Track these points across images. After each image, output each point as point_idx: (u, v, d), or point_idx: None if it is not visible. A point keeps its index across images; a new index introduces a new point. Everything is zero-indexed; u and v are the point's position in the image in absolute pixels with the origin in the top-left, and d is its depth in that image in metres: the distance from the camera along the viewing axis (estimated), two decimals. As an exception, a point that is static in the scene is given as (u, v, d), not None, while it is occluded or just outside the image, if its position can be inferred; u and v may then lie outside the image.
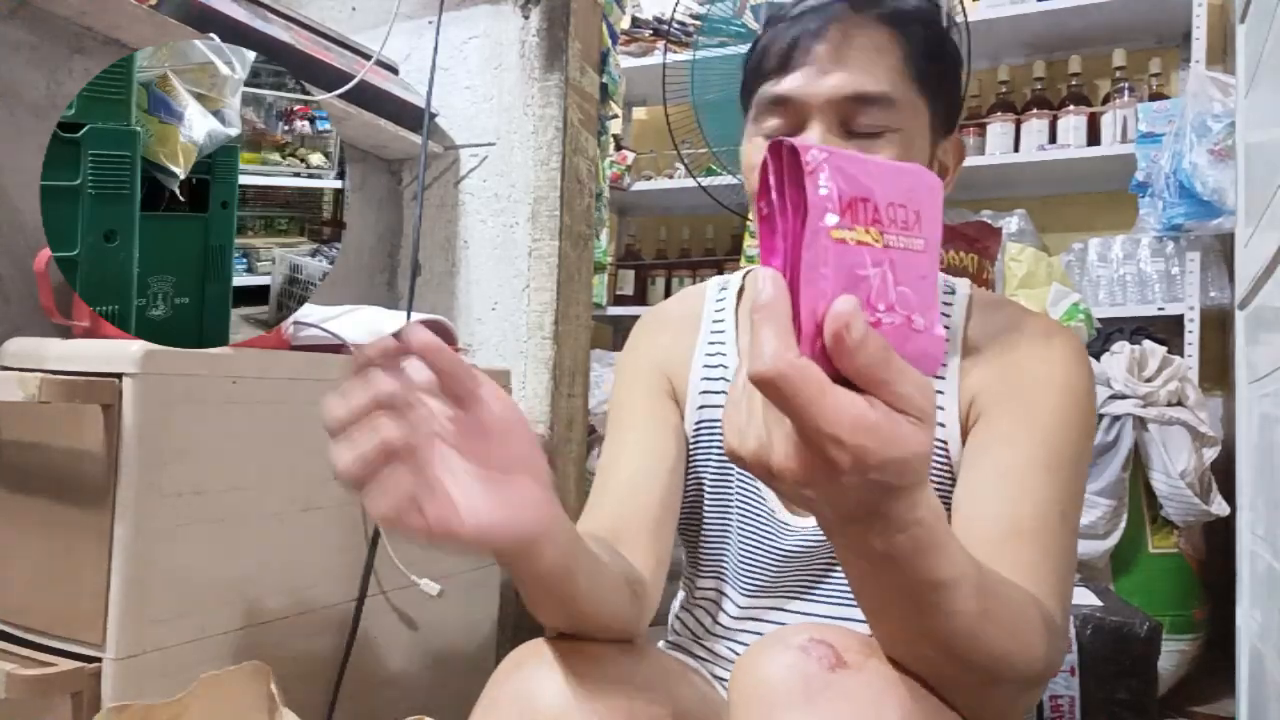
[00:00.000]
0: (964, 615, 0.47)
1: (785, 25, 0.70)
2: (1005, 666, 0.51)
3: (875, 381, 0.38)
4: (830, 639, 0.52)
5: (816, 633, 0.53)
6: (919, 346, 0.41)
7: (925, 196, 0.42)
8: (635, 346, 0.88)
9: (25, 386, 0.77)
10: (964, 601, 0.47)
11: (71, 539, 0.83)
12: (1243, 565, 1.29)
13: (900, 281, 0.41)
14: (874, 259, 0.40)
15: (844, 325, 0.37)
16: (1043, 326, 0.75)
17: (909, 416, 0.39)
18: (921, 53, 0.70)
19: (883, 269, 0.40)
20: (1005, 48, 2.55)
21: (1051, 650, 0.56)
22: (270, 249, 1.01)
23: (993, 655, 0.50)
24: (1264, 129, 1.19)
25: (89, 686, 0.80)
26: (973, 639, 0.49)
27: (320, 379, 1.00)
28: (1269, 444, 1.10)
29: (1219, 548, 1.82)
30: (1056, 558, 0.63)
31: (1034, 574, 0.61)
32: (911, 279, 0.41)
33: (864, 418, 0.38)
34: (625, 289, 3.00)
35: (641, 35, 2.92)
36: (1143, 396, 1.73)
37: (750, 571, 0.78)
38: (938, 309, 0.43)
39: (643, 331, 0.89)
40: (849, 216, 0.39)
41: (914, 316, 0.41)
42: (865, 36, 0.68)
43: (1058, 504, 0.65)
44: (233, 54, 0.94)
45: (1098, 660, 1.18)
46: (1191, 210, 1.96)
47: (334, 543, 1.03)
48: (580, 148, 1.52)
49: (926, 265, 0.42)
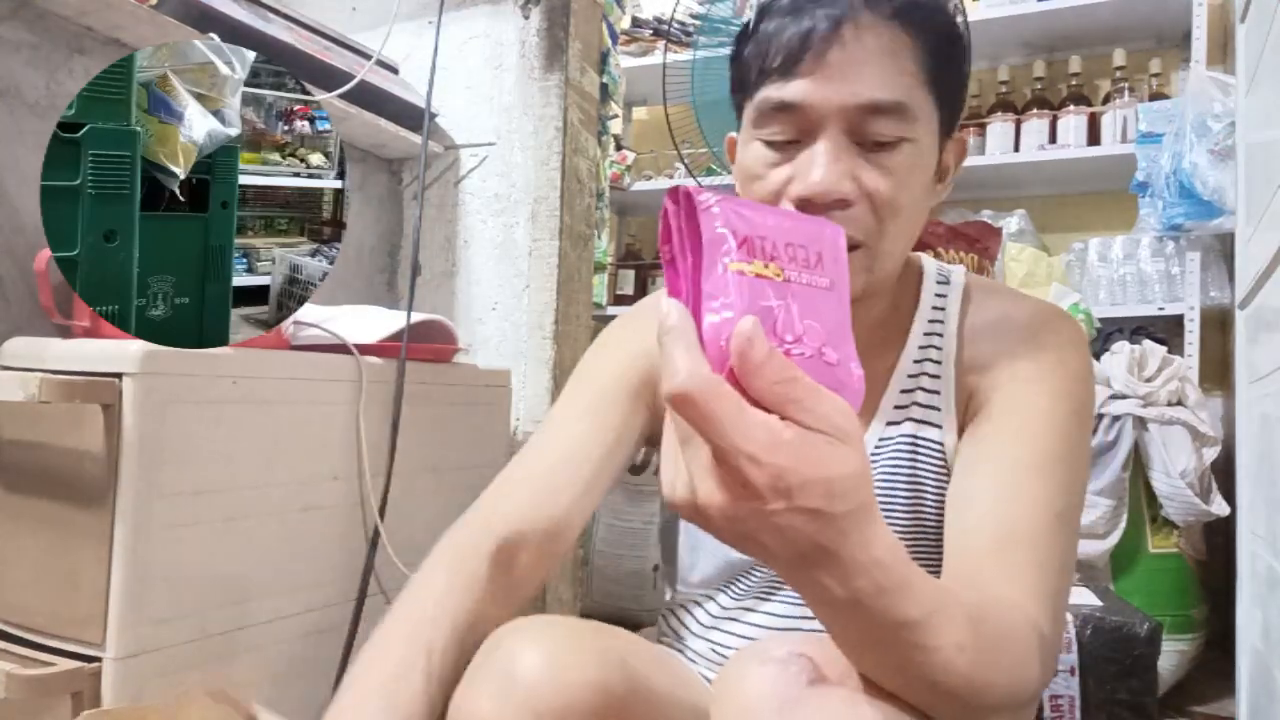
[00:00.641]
0: (943, 649, 0.47)
1: (788, 19, 0.64)
2: (991, 694, 0.50)
3: (787, 400, 0.38)
4: (812, 653, 0.52)
5: (798, 646, 0.53)
6: (835, 378, 0.41)
7: (827, 241, 0.43)
8: (624, 331, 0.83)
9: (25, 386, 0.77)
10: (941, 636, 0.46)
11: (71, 539, 0.83)
12: (1243, 565, 1.29)
13: (807, 315, 0.41)
14: (776, 292, 0.40)
15: (746, 341, 0.38)
16: (1039, 317, 0.72)
17: (826, 436, 0.39)
18: (934, 54, 0.65)
19: (786, 301, 0.40)
20: (1005, 48, 2.55)
21: (1043, 667, 0.55)
22: (270, 249, 1.01)
23: (976, 686, 0.49)
24: (1264, 129, 1.19)
25: (89, 686, 0.80)
26: (954, 672, 0.48)
27: (320, 379, 1.00)
28: (1269, 444, 1.10)
29: (1219, 548, 1.82)
30: (1050, 562, 0.61)
31: (1026, 581, 0.59)
32: (820, 314, 0.41)
33: (778, 434, 0.38)
34: (625, 289, 3.00)
35: (641, 35, 2.91)
36: (1143, 396, 1.73)
37: (734, 570, 0.78)
38: (852, 346, 0.43)
39: (639, 318, 0.84)
40: (745, 250, 0.40)
41: (825, 349, 0.41)
42: (879, 37, 0.63)
43: (1052, 505, 0.63)
44: (233, 54, 0.94)
45: (1098, 660, 1.18)
46: (1191, 210, 1.96)
47: (334, 543, 1.03)
48: (580, 148, 1.52)
49: (835, 304, 0.42)
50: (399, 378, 1.10)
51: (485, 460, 1.28)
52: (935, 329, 0.74)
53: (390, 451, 1.08)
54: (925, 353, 0.73)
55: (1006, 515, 0.62)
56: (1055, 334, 0.70)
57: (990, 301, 0.75)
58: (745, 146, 0.69)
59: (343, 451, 1.03)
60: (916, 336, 0.74)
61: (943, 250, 1.86)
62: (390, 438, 1.09)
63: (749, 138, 0.68)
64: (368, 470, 1.05)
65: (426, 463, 1.16)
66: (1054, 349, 0.69)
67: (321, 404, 1.00)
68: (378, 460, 1.07)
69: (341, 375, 1.03)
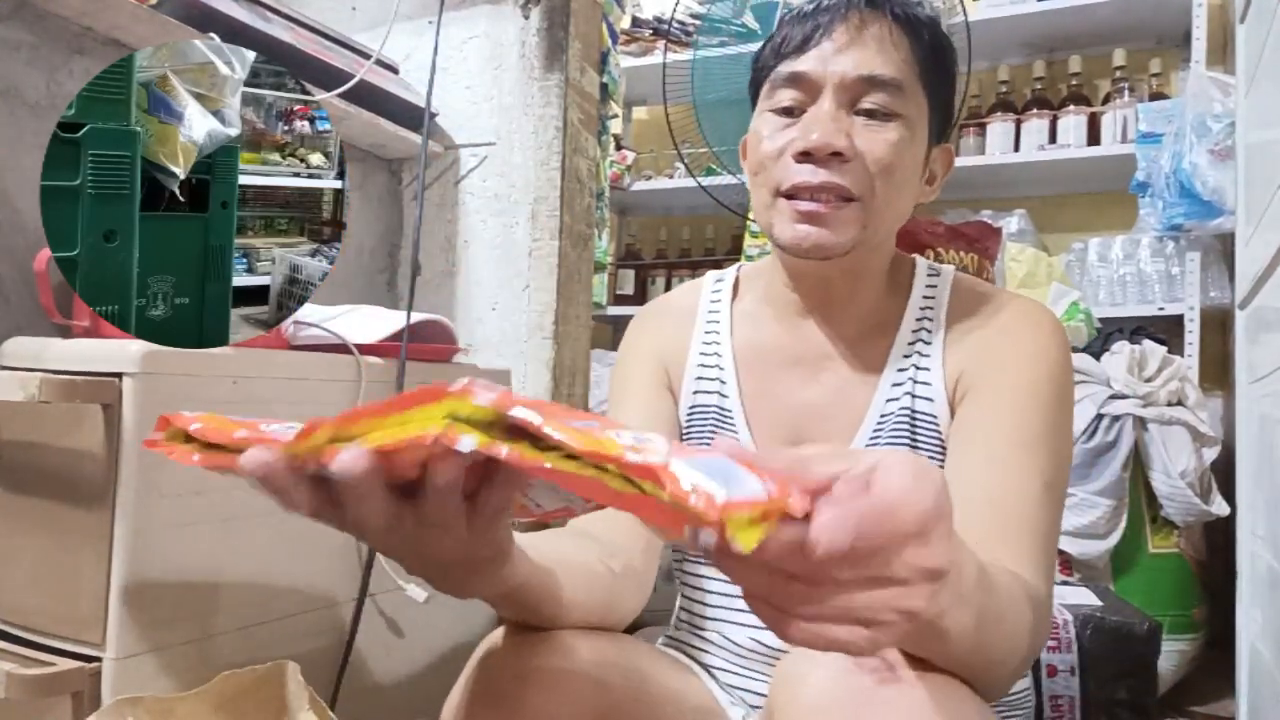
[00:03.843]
0: (964, 637, 0.48)
1: (805, 17, 0.75)
2: (1001, 665, 0.55)
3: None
4: (887, 654, 0.53)
5: None
6: None
7: None
8: (640, 334, 0.90)
9: (25, 386, 0.77)
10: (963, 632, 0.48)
11: (71, 539, 0.83)
12: (1243, 565, 1.29)
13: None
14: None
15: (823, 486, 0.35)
16: (1020, 307, 0.78)
17: None
18: (928, 57, 0.75)
19: None
20: (1005, 48, 2.55)
21: (1037, 634, 0.60)
22: (270, 249, 1.01)
23: (991, 660, 0.53)
24: (1264, 129, 1.19)
25: (89, 686, 0.80)
26: (973, 653, 0.51)
27: (320, 379, 1.00)
28: (1269, 444, 1.10)
29: (1219, 548, 1.82)
30: (1041, 533, 0.67)
31: (1021, 553, 0.64)
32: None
33: None
34: (625, 289, 3.00)
35: (641, 35, 2.91)
36: (1143, 396, 1.73)
37: None
38: None
39: (648, 318, 0.91)
40: None
41: None
42: (881, 29, 0.73)
43: (1040, 476, 0.68)
44: (233, 54, 0.94)
45: (1098, 660, 1.18)
46: (1191, 210, 1.96)
47: (334, 543, 1.03)
48: (580, 148, 1.52)
49: None
50: (399, 378, 1.10)
51: (485, 460, 1.28)
52: (926, 314, 0.79)
53: (390, 451, 1.08)
54: (918, 335, 0.79)
55: (999, 493, 0.67)
56: (1037, 326, 0.75)
57: (976, 293, 0.80)
58: (757, 118, 0.78)
59: (343, 451, 1.03)
60: (909, 321, 0.79)
61: (943, 250, 1.86)
62: (390, 438, 1.09)
63: (761, 111, 0.77)
64: (368, 470, 1.05)
65: (426, 463, 1.16)
66: (1035, 339, 0.75)
67: (321, 404, 1.00)
68: (378, 460, 1.07)
69: (341, 375, 1.03)
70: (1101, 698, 1.18)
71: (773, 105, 0.75)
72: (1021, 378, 0.72)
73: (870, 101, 0.72)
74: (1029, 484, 0.68)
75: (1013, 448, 0.69)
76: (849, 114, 0.72)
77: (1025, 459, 0.69)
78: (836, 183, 0.70)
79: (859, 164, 0.71)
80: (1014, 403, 0.71)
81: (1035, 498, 0.67)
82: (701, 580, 0.83)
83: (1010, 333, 0.75)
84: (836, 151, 0.70)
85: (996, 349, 0.75)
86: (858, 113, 0.72)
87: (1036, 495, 0.67)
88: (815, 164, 0.71)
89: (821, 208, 0.71)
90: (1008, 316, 0.77)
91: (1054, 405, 0.72)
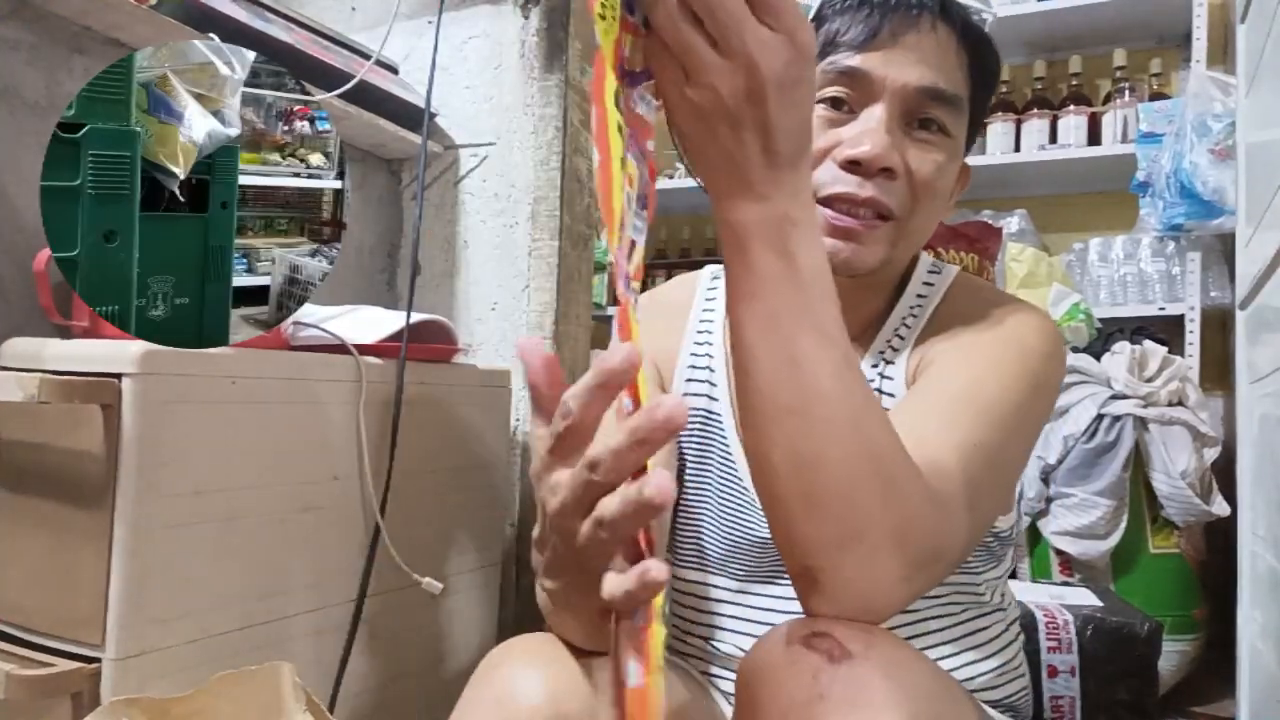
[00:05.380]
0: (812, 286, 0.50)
1: (869, 8, 0.69)
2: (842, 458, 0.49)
3: None
4: (834, 631, 0.52)
5: (819, 625, 0.53)
6: None
7: None
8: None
9: (25, 386, 0.77)
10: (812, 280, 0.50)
11: (71, 539, 0.83)
12: (1243, 565, 1.29)
13: None
14: None
15: None
16: (1011, 303, 0.75)
17: None
18: (980, 72, 0.73)
19: None
20: (1005, 48, 2.52)
21: (911, 498, 0.51)
22: (270, 249, 1.01)
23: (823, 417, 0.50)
24: (1264, 129, 1.19)
25: (89, 687, 0.80)
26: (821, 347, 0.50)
27: (320, 379, 1.00)
28: (1269, 444, 1.10)
29: (1219, 548, 1.82)
30: (960, 480, 0.56)
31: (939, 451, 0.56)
32: None
33: None
34: (625, 289, 3.00)
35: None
36: (1143, 396, 1.73)
37: (733, 558, 0.78)
38: None
39: (643, 315, 0.89)
40: None
41: None
42: (949, 39, 0.70)
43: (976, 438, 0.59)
44: (233, 54, 0.94)
45: (1098, 660, 1.18)
46: (1192, 210, 1.96)
47: (334, 543, 1.03)
48: (580, 148, 1.52)
49: None
50: (399, 378, 1.10)
51: (485, 460, 1.28)
52: (913, 312, 0.78)
53: (390, 451, 1.08)
54: (897, 331, 0.77)
55: (920, 432, 0.56)
56: (1019, 320, 0.72)
57: (970, 291, 0.78)
58: None
59: (343, 452, 1.03)
60: (894, 320, 0.78)
61: (943, 250, 1.86)
62: (390, 438, 1.09)
63: None
64: (368, 470, 1.05)
65: (426, 463, 1.16)
66: (1014, 326, 0.71)
67: (321, 404, 1.00)
68: (378, 460, 1.07)
69: (341, 375, 1.03)
70: (1102, 698, 1.18)
71: (819, 94, 0.70)
72: (981, 352, 0.68)
73: (928, 114, 0.69)
74: (964, 437, 0.58)
75: (955, 401, 0.62)
76: (901, 125, 0.69)
77: (969, 416, 0.60)
78: (881, 200, 0.68)
79: (904, 183, 0.68)
80: (969, 367, 0.66)
81: (966, 451, 0.57)
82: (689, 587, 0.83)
83: (987, 319, 0.72)
84: (887, 167, 0.67)
85: (965, 332, 0.71)
86: (910, 124, 0.69)
87: (968, 451, 0.58)
88: (863, 175, 0.67)
89: (858, 225, 0.68)
90: (994, 311, 0.73)
91: (1016, 384, 0.65)
